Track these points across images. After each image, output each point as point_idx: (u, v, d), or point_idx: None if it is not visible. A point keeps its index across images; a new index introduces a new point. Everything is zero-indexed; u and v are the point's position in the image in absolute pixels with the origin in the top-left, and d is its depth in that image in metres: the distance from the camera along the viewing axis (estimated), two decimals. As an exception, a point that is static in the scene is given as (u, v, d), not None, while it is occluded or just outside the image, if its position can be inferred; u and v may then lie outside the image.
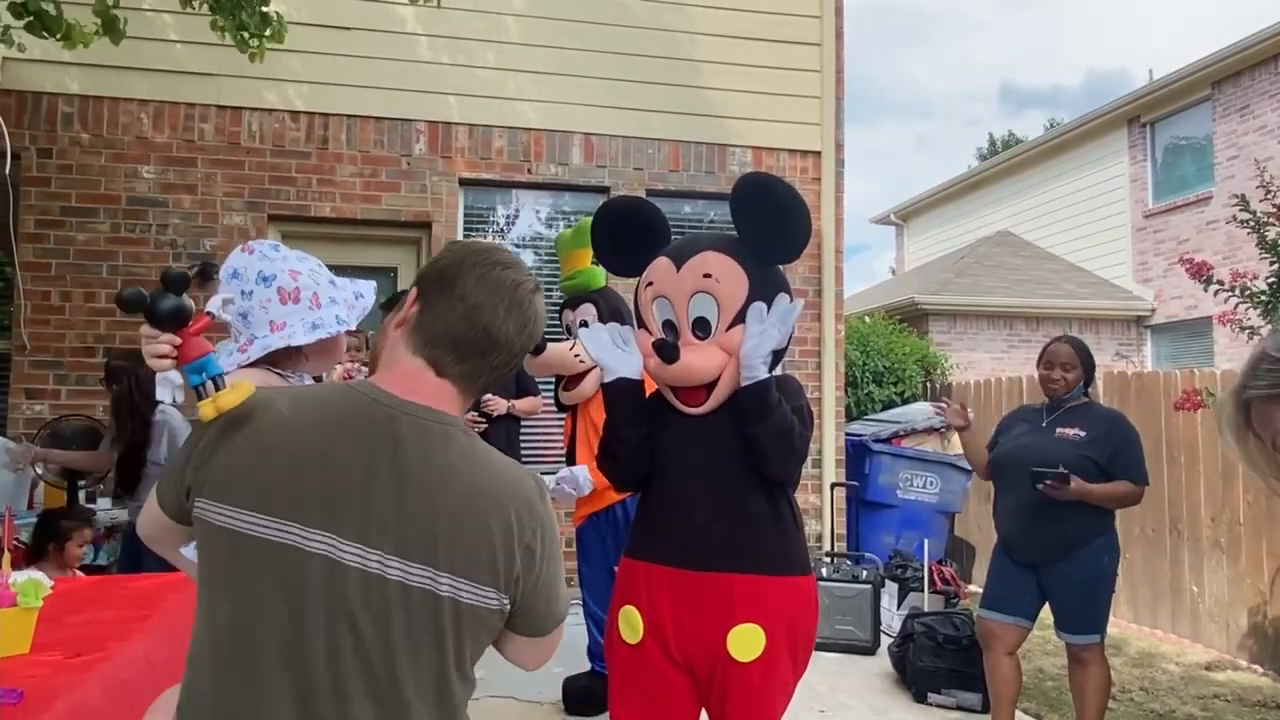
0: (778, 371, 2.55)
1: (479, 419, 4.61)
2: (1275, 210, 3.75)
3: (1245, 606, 5.32)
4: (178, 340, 1.39)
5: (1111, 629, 6.34)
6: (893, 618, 5.50)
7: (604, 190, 6.04)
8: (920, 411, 6.52)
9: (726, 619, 2.33)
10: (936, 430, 6.23)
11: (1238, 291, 3.86)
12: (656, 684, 2.39)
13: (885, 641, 5.08)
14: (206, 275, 1.59)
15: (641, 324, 2.57)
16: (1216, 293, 3.93)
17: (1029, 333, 12.24)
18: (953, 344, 11.89)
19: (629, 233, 2.61)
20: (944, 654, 4.34)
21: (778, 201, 2.39)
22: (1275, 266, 3.77)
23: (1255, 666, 5.17)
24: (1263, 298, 3.85)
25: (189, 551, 1.40)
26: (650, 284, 2.49)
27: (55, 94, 5.40)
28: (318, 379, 2.05)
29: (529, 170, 6.00)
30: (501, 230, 6.26)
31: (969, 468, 6.49)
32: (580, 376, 3.79)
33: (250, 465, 1.20)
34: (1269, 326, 3.90)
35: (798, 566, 2.41)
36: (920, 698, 4.36)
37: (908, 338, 9.51)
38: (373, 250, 6.03)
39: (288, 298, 1.77)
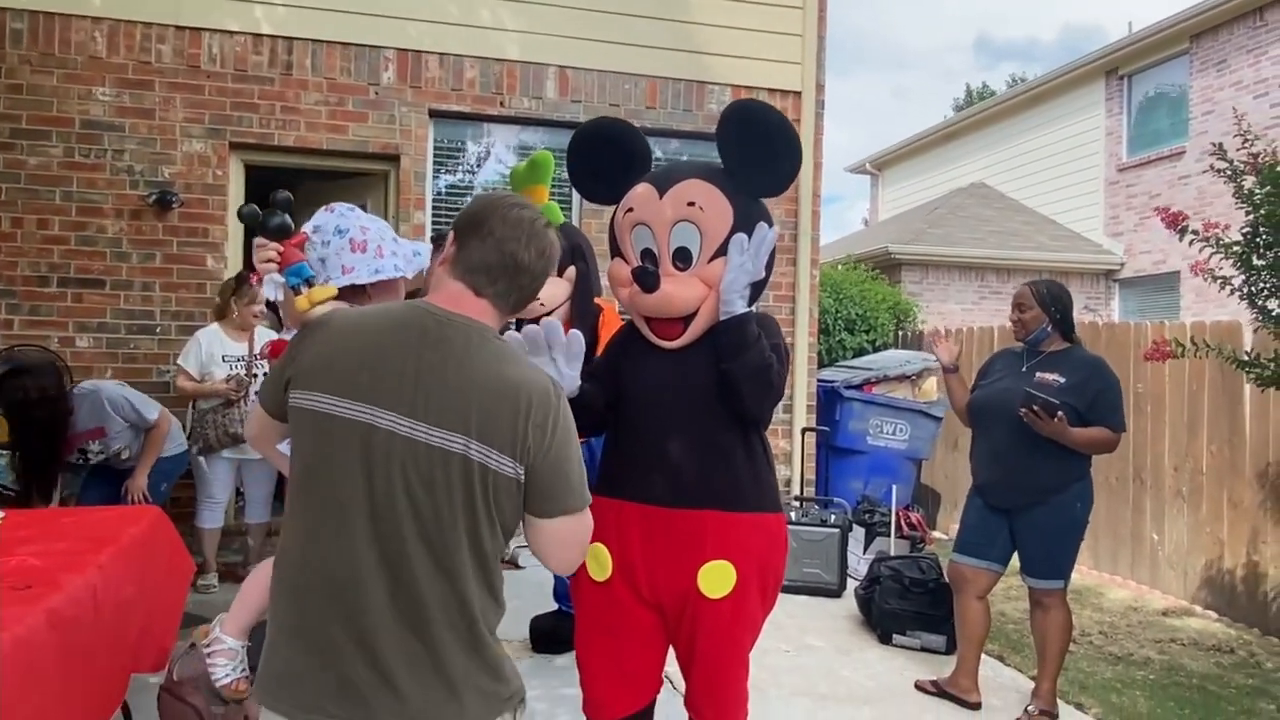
0: (756, 307, 2.50)
1: None
2: (1252, 160, 3.71)
3: (1204, 555, 5.41)
4: (281, 249, 1.95)
5: (1072, 575, 6.49)
6: (859, 561, 5.54)
7: (579, 125, 5.88)
8: (892, 359, 6.52)
9: (697, 555, 2.30)
10: (908, 378, 6.23)
11: (1213, 242, 3.84)
12: (624, 622, 2.36)
13: (851, 585, 5.12)
14: (286, 206, 2.03)
15: (617, 252, 2.49)
16: (1191, 243, 3.90)
17: (1000, 284, 12.28)
18: (924, 294, 11.91)
19: (609, 156, 2.52)
20: (910, 597, 4.38)
21: (767, 130, 2.31)
22: (1250, 216, 3.74)
23: (1210, 613, 5.28)
24: (1236, 249, 3.82)
25: (284, 448, 1.75)
26: (630, 210, 2.41)
27: (3, 8, 5.12)
28: None
29: (501, 103, 5.83)
30: (472, 167, 6.10)
31: (939, 415, 6.53)
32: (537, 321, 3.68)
33: (329, 358, 1.54)
34: (1242, 277, 3.89)
35: (769, 504, 2.38)
36: (885, 639, 4.40)
37: (880, 285, 9.49)
38: (340, 184, 5.85)
39: (357, 247, 2.19)
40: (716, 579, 2.29)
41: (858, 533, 5.65)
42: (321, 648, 1.48)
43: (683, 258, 2.34)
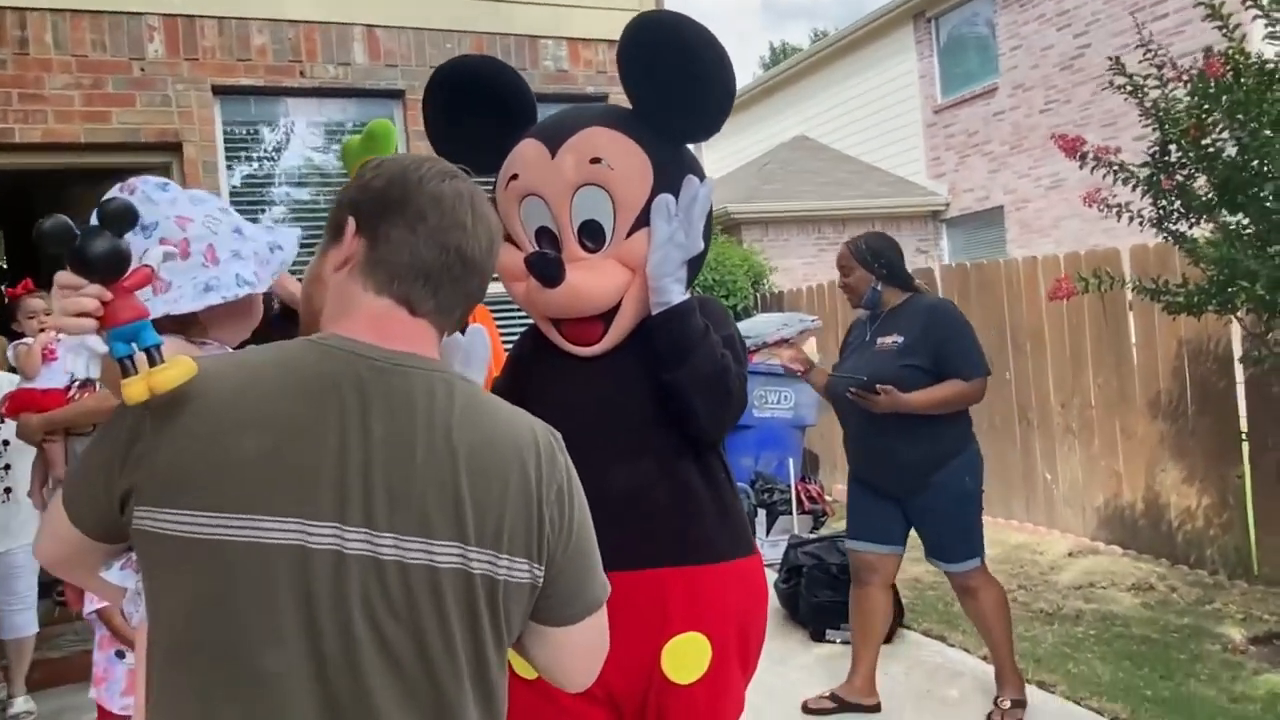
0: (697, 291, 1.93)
1: None
2: (1157, 70, 3.43)
3: (1101, 490, 5.31)
4: (108, 295, 1.04)
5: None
6: (763, 545, 5.13)
7: (397, 95, 5.10)
8: (767, 324, 6.13)
9: (659, 630, 1.73)
10: (786, 341, 5.85)
11: (1115, 166, 3.56)
12: (564, 729, 1.76)
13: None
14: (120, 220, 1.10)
15: (505, 236, 1.85)
16: (1093, 169, 3.62)
17: (835, 235, 12.24)
18: (766, 251, 11.70)
19: (477, 106, 1.86)
20: (840, 586, 3.95)
21: (687, 48, 1.72)
22: (1158, 134, 3.48)
23: (1114, 548, 5.18)
24: (1142, 171, 3.55)
25: (112, 575, 1.31)
26: (514, 178, 1.77)
27: None
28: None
29: (301, 73, 4.94)
30: (273, 151, 5.19)
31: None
32: None
33: (209, 455, 0.97)
34: (1148, 200, 3.63)
35: (743, 545, 1.83)
36: (818, 636, 3.99)
37: (734, 248, 9.14)
38: (109, 183, 4.81)
39: (172, 251, 1.34)
40: (686, 658, 1.73)
41: (759, 516, 5.23)
42: None
43: (592, 234, 1.74)
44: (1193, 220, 3.55)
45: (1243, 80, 3.19)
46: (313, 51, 4.96)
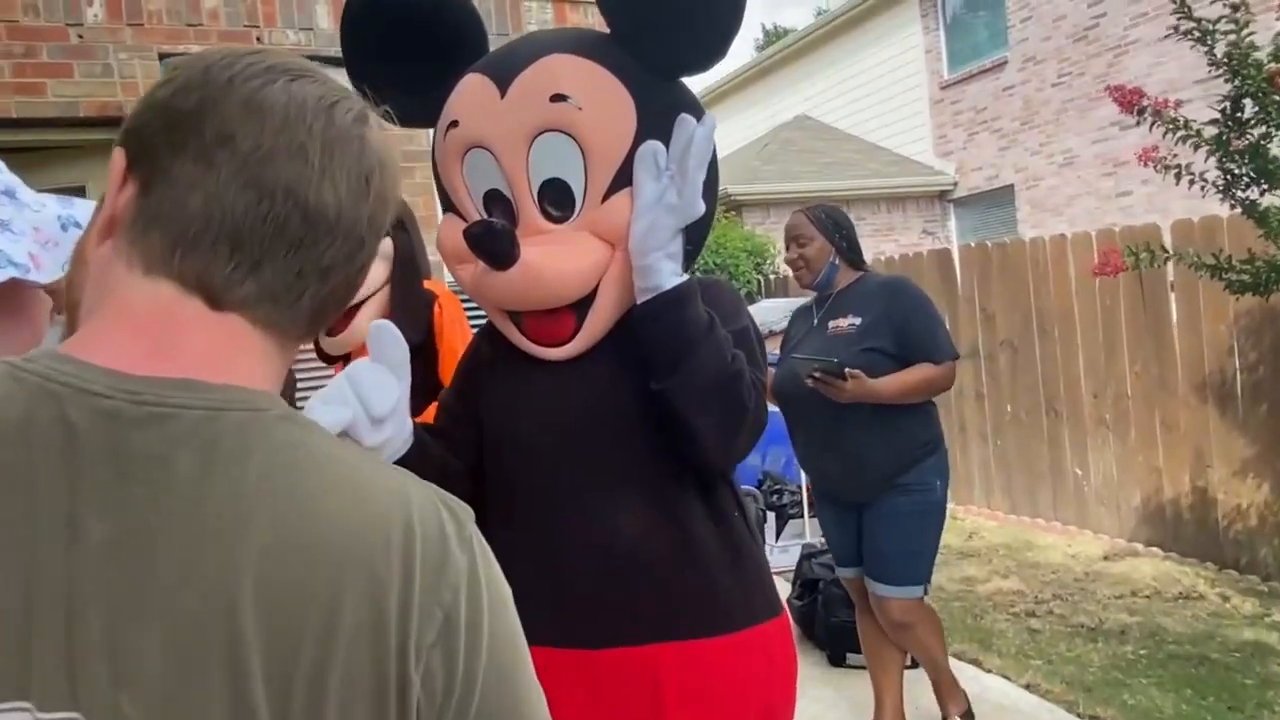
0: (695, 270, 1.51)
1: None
2: (1231, 10, 2.97)
3: (1139, 487, 4.88)
4: None
5: (989, 521, 5.91)
6: (773, 551, 4.71)
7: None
8: (774, 310, 5.67)
9: None
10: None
11: (1178, 124, 3.12)
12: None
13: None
14: None
15: (448, 205, 1.42)
16: (1153, 126, 3.17)
17: (840, 217, 11.82)
18: (769, 236, 11.28)
19: (408, 36, 1.41)
20: (861, 604, 3.54)
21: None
22: (1232, 85, 3.03)
23: (1155, 550, 4.76)
24: (1208, 130, 3.10)
25: None
26: (453, 125, 1.33)
27: None
28: None
29: (258, 39, 4.50)
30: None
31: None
32: (351, 312, 2.52)
33: None
34: (1214, 160, 3.18)
35: (760, 604, 1.39)
36: (837, 659, 3.56)
37: (736, 229, 8.69)
38: (45, 163, 4.37)
39: None
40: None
41: (768, 519, 4.81)
42: None
43: (557, 198, 1.32)
44: (1264, 187, 3.11)
45: None
46: (271, 16, 4.51)
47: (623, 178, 1.28)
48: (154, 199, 0.61)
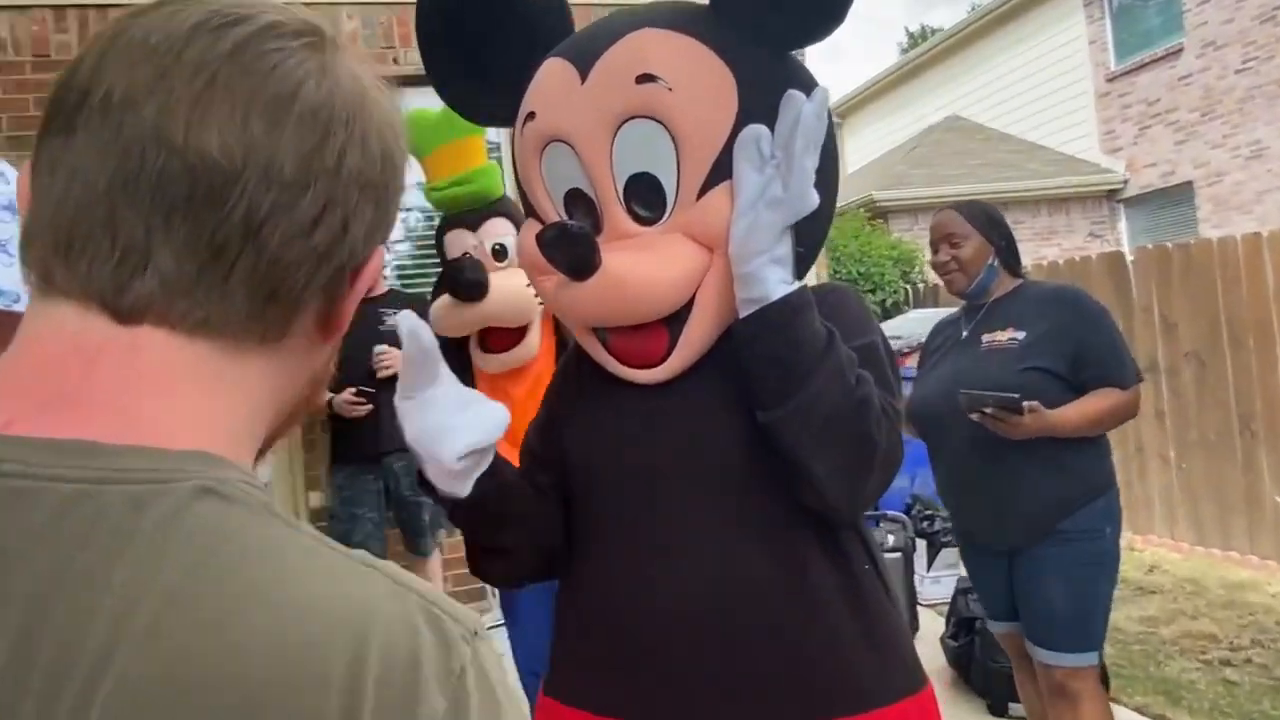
0: (813, 278, 1.29)
1: (359, 396, 3.24)
2: None
3: (1356, 518, 4.26)
4: None
5: (1172, 554, 5.32)
6: (922, 582, 4.37)
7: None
8: (923, 321, 5.34)
9: None
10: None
11: None
12: None
13: (926, 621, 3.94)
14: None
15: (528, 208, 1.26)
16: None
17: (996, 221, 11.16)
18: (917, 242, 10.77)
19: (486, 24, 1.26)
20: (1024, 648, 3.18)
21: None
22: None
23: (1377, 592, 4.13)
24: None
25: None
26: (531, 116, 1.17)
27: None
28: None
29: (395, 60, 4.54)
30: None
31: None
32: (521, 331, 2.40)
33: None
34: None
35: (902, 678, 1.15)
36: (999, 710, 3.20)
37: (881, 235, 8.30)
38: None
39: None
40: None
41: (919, 547, 4.46)
42: None
43: (645, 196, 1.12)
44: None
45: None
46: (407, 36, 4.56)
47: (721, 170, 1.08)
48: (34, 200, 0.48)
